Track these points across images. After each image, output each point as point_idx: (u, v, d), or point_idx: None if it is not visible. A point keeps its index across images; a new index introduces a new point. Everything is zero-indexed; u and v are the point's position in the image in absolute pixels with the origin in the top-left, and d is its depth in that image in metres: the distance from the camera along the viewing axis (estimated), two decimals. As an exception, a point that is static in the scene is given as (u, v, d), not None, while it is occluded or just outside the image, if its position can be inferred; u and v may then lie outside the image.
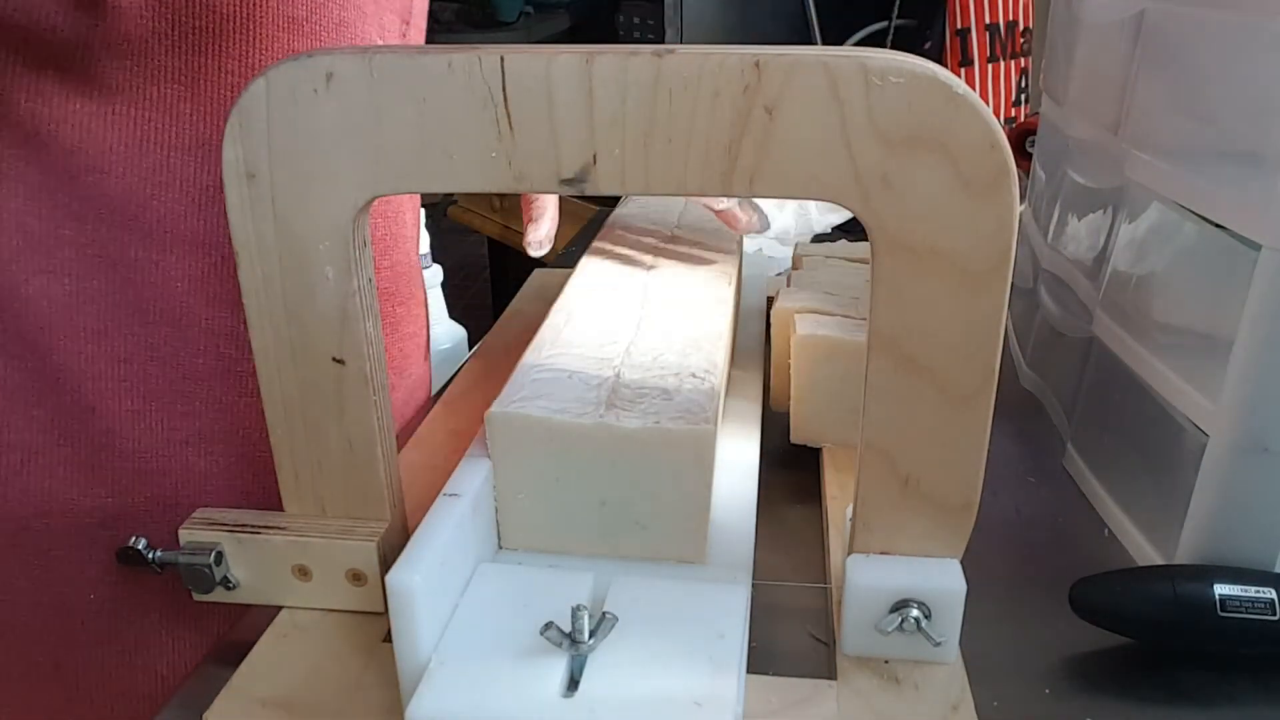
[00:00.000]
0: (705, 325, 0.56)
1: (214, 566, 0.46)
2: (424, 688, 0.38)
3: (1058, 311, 0.70)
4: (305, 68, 0.39)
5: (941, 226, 0.38)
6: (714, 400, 0.47)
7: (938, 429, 0.42)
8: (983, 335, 0.40)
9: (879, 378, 0.41)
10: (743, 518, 0.50)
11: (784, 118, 0.38)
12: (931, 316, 0.40)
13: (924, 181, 0.38)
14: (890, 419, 0.42)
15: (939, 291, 0.39)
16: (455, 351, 1.02)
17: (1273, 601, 0.44)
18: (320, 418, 0.46)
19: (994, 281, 0.39)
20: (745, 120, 0.38)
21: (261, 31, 0.51)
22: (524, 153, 0.40)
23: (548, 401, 0.46)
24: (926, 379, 0.41)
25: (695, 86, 0.38)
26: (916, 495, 0.43)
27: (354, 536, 0.46)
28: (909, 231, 0.39)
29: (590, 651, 0.39)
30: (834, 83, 0.37)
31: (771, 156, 0.38)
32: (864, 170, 0.38)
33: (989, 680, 0.44)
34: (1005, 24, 1.37)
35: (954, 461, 0.42)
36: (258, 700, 0.42)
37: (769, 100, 0.37)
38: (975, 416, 0.41)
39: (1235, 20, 0.49)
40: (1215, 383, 0.47)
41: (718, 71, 0.37)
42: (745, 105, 0.38)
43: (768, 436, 0.59)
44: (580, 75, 0.38)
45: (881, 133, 0.37)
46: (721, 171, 0.39)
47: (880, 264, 0.39)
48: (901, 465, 0.43)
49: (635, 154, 0.39)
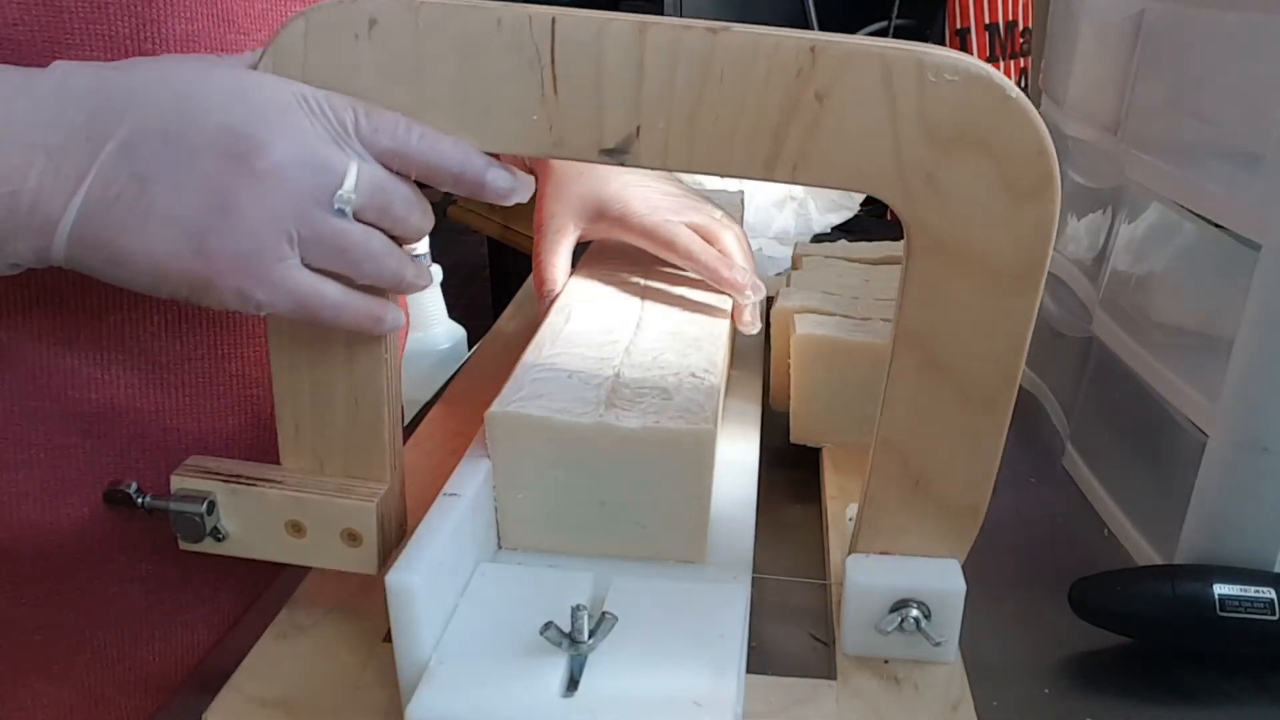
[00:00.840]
0: (705, 325, 0.56)
1: (205, 516, 0.45)
2: (424, 688, 0.38)
3: (1058, 311, 0.70)
4: (348, 11, 0.38)
5: (981, 229, 0.38)
6: (714, 399, 0.47)
7: (955, 431, 0.42)
8: (1010, 340, 0.40)
9: (901, 376, 0.41)
10: (742, 517, 0.50)
11: (834, 106, 0.37)
12: (961, 318, 0.40)
13: (968, 182, 0.37)
14: (908, 418, 0.42)
15: (971, 294, 0.39)
16: (455, 351, 1.02)
17: (1272, 601, 0.44)
18: (328, 371, 0.44)
19: (1027, 287, 0.39)
20: (795, 105, 0.37)
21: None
22: (566, 118, 0.39)
23: (548, 401, 0.46)
24: (949, 380, 0.41)
25: (748, 66, 0.37)
26: (926, 496, 0.43)
27: (353, 496, 0.45)
28: (947, 231, 0.38)
29: (590, 651, 0.39)
30: (888, 75, 0.36)
31: (818, 144, 0.38)
32: (909, 166, 0.37)
33: (989, 680, 0.44)
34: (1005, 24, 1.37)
35: (968, 464, 0.42)
36: (258, 700, 0.42)
37: (821, 87, 0.37)
38: (993, 420, 0.41)
39: (1235, 20, 0.49)
40: (1215, 383, 0.47)
41: (772, 53, 0.37)
42: (797, 90, 0.37)
43: (768, 436, 0.59)
44: (632, 44, 0.37)
45: (931, 130, 0.37)
46: (766, 155, 0.38)
47: (914, 262, 0.39)
48: (914, 465, 0.42)
49: (680, 129, 0.38)
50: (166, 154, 0.37)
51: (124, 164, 0.37)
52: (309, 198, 0.38)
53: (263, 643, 0.46)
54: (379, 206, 0.39)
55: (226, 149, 0.37)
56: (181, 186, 0.37)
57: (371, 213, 0.39)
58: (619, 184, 0.64)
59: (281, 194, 0.37)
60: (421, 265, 0.43)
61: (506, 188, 0.41)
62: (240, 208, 0.37)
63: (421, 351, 1.00)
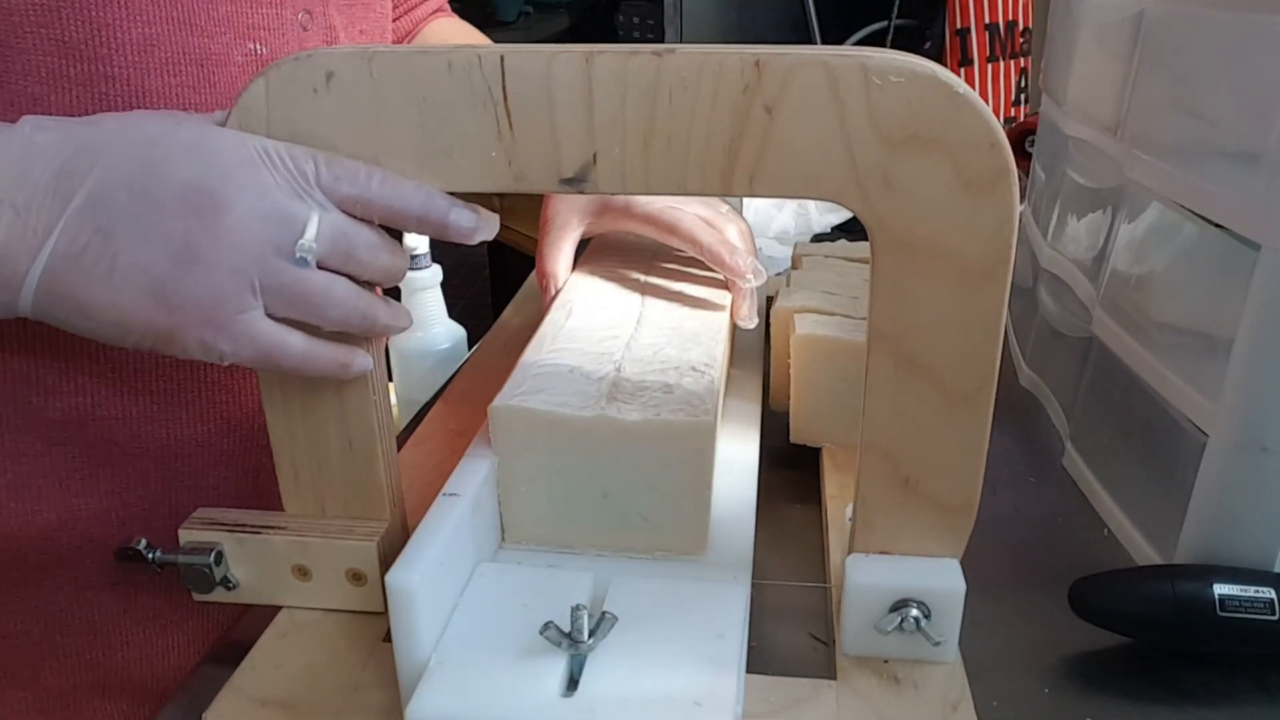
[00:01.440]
0: (704, 320, 0.56)
1: (214, 566, 0.46)
2: (424, 688, 0.38)
3: (1057, 311, 0.70)
4: (305, 67, 0.40)
5: (942, 225, 0.38)
6: (714, 393, 0.47)
7: (938, 429, 0.42)
8: (982, 334, 0.40)
9: (879, 377, 0.41)
10: (742, 517, 0.50)
11: (784, 117, 0.38)
12: (932, 315, 0.40)
13: (924, 181, 0.38)
14: (890, 419, 0.42)
15: (939, 291, 0.39)
16: (455, 351, 1.02)
17: (1272, 601, 0.44)
18: (321, 418, 0.45)
19: (994, 281, 0.39)
20: (745, 120, 0.38)
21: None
22: (524, 152, 0.40)
23: (550, 395, 0.46)
24: (927, 378, 0.41)
25: (695, 86, 0.38)
26: (917, 495, 0.43)
27: (353, 536, 0.46)
28: (909, 230, 0.39)
29: (590, 651, 0.39)
30: (834, 82, 0.37)
31: (771, 156, 0.38)
32: (864, 170, 0.38)
33: (989, 680, 0.44)
34: (1005, 24, 1.37)
35: (954, 461, 0.42)
36: (258, 700, 0.42)
37: (769, 100, 0.37)
38: (975, 416, 0.41)
39: (1235, 20, 0.49)
40: (1215, 383, 0.47)
41: (718, 71, 0.37)
42: (745, 105, 0.38)
43: (768, 436, 0.59)
44: (580, 74, 0.38)
45: (882, 132, 0.37)
46: (722, 171, 0.39)
47: (880, 263, 0.39)
48: (902, 465, 0.43)
49: (635, 154, 0.39)
50: (131, 208, 0.38)
51: (89, 218, 0.38)
52: (270, 249, 0.39)
53: (263, 643, 0.46)
54: (342, 253, 0.40)
55: (189, 203, 0.38)
56: (146, 240, 0.38)
57: (336, 260, 0.40)
58: None
59: (243, 246, 0.38)
60: (399, 308, 0.44)
61: (470, 227, 0.42)
62: (202, 260, 0.38)
63: (421, 351, 1.00)
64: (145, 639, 0.57)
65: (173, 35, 0.49)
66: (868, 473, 0.43)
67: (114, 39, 0.48)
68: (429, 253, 1.05)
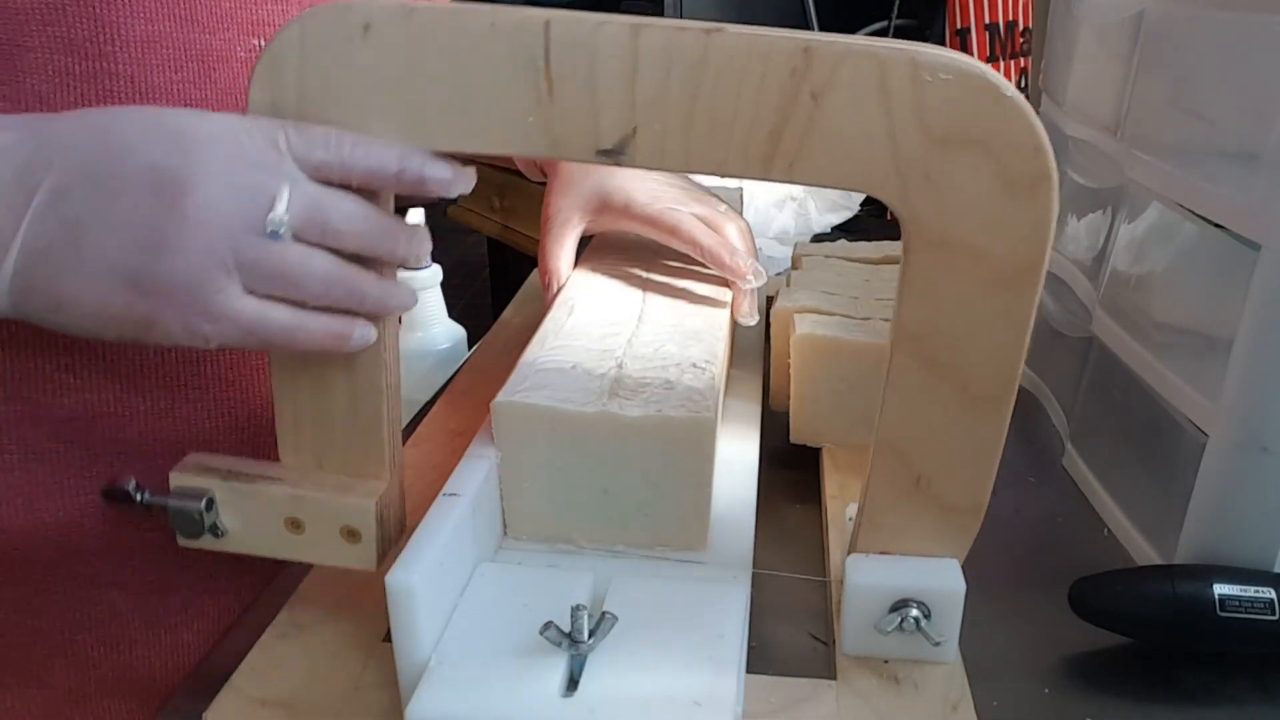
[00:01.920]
0: (705, 318, 0.56)
1: (204, 513, 0.45)
2: (424, 688, 0.38)
3: (1058, 311, 0.70)
4: (342, 15, 0.38)
5: (978, 226, 0.38)
6: (714, 389, 0.47)
7: (955, 430, 0.41)
8: (1009, 338, 0.40)
9: (900, 375, 0.41)
10: (742, 517, 0.50)
11: (830, 106, 0.37)
12: (960, 316, 0.40)
13: (964, 180, 0.37)
14: (908, 418, 0.42)
15: (970, 291, 0.39)
16: (455, 351, 1.02)
17: (1272, 601, 0.44)
18: (327, 370, 0.44)
19: (1026, 285, 0.39)
20: (791, 105, 0.37)
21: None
22: (563, 120, 0.39)
23: (552, 391, 0.46)
24: (950, 380, 0.41)
25: (743, 67, 0.37)
26: (927, 496, 0.43)
27: (352, 494, 0.45)
28: (945, 229, 0.38)
29: (590, 651, 0.39)
30: (883, 74, 0.36)
31: (814, 144, 0.38)
32: (905, 164, 0.37)
33: (989, 680, 0.44)
34: (1005, 24, 1.37)
35: (968, 463, 0.42)
36: (258, 700, 0.42)
37: (816, 86, 0.37)
38: (994, 419, 0.41)
39: (1235, 20, 0.49)
40: (1215, 383, 0.47)
41: (766, 54, 0.37)
42: (792, 90, 0.37)
43: (768, 436, 0.59)
44: (626, 46, 0.37)
45: (927, 128, 0.37)
46: (763, 155, 0.38)
47: (912, 260, 0.39)
48: (915, 465, 0.42)
49: (676, 130, 0.38)
50: (94, 198, 0.37)
51: (54, 211, 0.37)
52: (240, 225, 0.38)
53: (263, 643, 0.46)
54: (319, 224, 0.39)
55: (152, 186, 0.37)
56: (111, 229, 0.37)
57: (313, 231, 0.39)
58: (623, 176, 0.64)
59: (212, 225, 0.37)
60: (392, 284, 0.42)
61: (445, 179, 0.40)
62: (171, 244, 0.37)
63: (421, 351, 1.00)
64: (154, 639, 0.57)
65: (175, 32, 0.49)
66: (879, 470, 0.43)
67: (118, 36, 0.48)
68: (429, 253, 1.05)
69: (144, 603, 0.56)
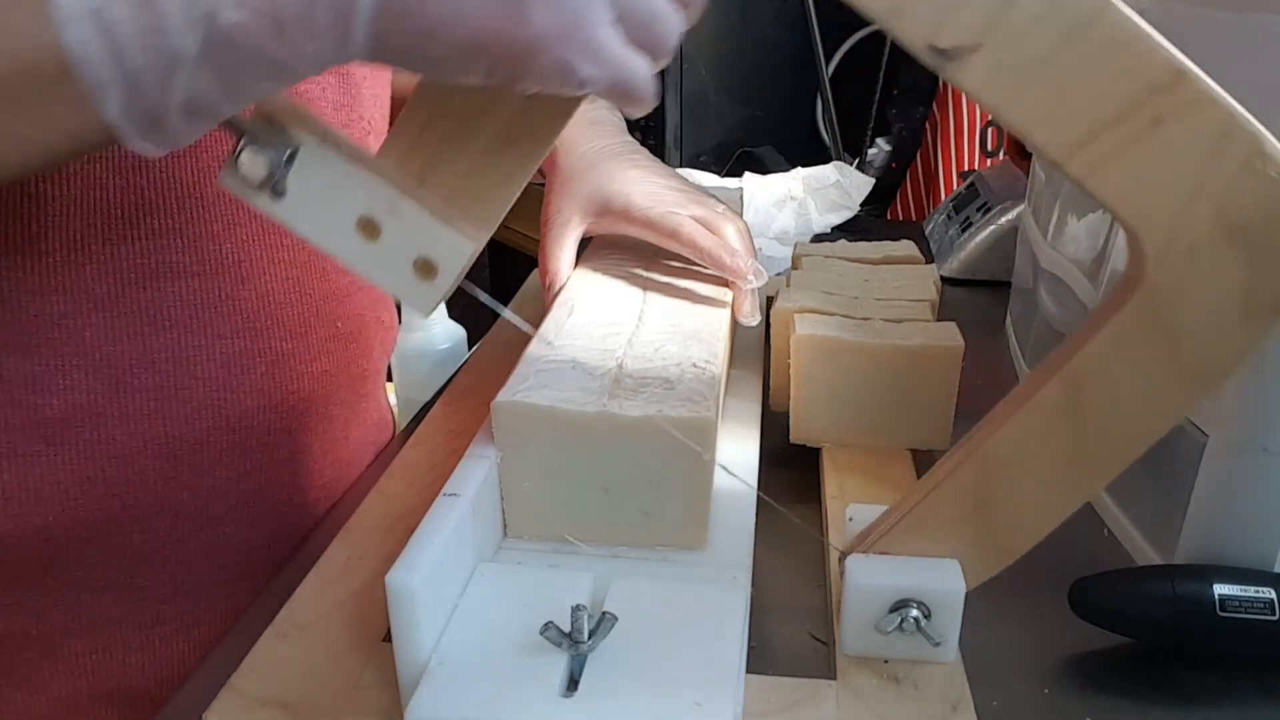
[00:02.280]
0: (705, 318, 0.56)
1: (282, 164, 0.38)
2: (424, 688, 0.38)
3: (1058, 311, 0.70)
4: None
5: (1202, 323, 0.37)
6: (714, 389, 0.47)
7: (1053, 477, 0.41)
8: (1159, 426, 0.40)
9: (1039, 407, 0.40)
10: (742, 517, 0.50)
11: (1162, 135, 0.36)
12: (1131, 389, 0.39)
13: (1222, 275, 0.36)
14: (1017, 446, 0.41)
15: (1156, 375, 0.38)
16: (455, 351, 1.02)
17: (1272, 601, 0.44)
18: (500, 98, 0.40)
19: (1208, 390, 0.38)
20: (1130, 114, 0.36)
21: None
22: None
23: (552, 391, 0.46)
24: (1079, 435, 0.40)
25: (1115, 54, 0.35)
26: (984, 519, 0.43)
27: (453, 226, 0.39)
28: (1172, 309, 0.37)
29: (590, 651, 0.39)
30: (1224, 137, 0.35)
31: (1125, 160, 0.36)
32: (1182, 229, 0.36)
33: (989, 680, 0.44)
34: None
35: (1042, 511, 0.42)
36: (258, 700, 0.42)
37: (1162, 111, 0.35)
38: (1093, 485, 0.41)
39: (1235, 20, 0.49)
40: (1215, 383, 0.47)
41: (1142, 56, 0.35)
42: (1141, 101, 0.36)
43: (768, 436, 0.59)
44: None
45: (1221, 207, 0.36)
46: (1074, 140, 0.36)
47: (1122, 316, 0.38)
48: (991, 488, 0.42)
49: (1017, 71, 0.36)
50: None
51: None
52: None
53: (263, 643, 0.46)
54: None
55: None
56: None
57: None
58: (622, 179, 0.64)
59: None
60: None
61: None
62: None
63: (421, 351, 1.00)
64: (147, 646, 0.56)
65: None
66: (955, 477, 0.43)
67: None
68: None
69: (135, 608, 0.55)
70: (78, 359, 0.51)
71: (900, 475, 0.58)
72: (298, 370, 0.58)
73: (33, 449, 0.51)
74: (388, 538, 0.53)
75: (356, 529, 0.54)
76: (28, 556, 0.52)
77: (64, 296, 0.49)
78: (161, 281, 0.52)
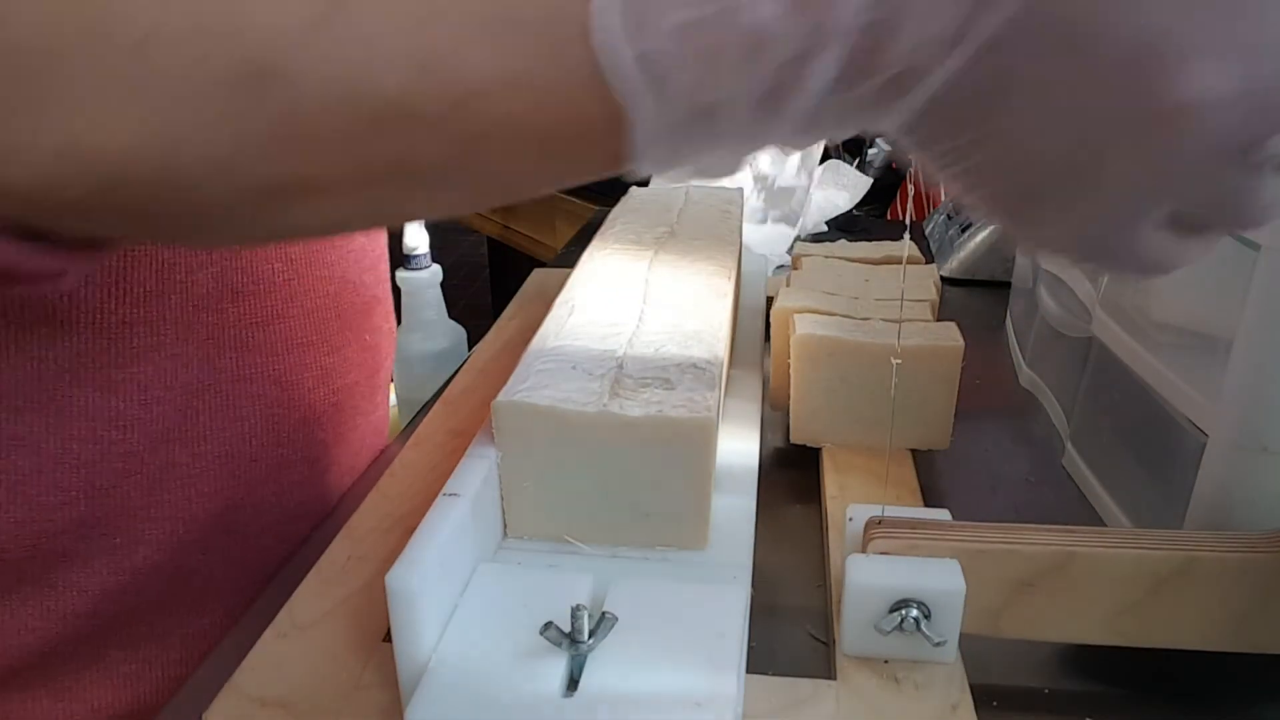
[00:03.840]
0: (706, 318, 0.56)
1: None
2: (424, 688, 0.38)
3: (1057, 311, 0.70)
4: None
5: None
6: (715, 390, 0.47)
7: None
8: None
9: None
10: (742, 517, 0.50)
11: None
12: None
13: None
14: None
15: None
16: (455, 351, 1.02)
17: (1272, 601, 0.44)
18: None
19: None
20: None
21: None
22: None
23: (552, 391, 0.46)
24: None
25: None
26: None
27: None
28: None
29: (590, 651, 0.39)
30: None
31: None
32: None
33: (989, 680, 0.44)
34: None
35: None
36: (258, 700, 0.42)
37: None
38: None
39: None
40: (1215, 383, 0.47)
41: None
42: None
43: (768, 436, 0.59)
44: None
45: None
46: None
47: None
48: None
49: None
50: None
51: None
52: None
53: (263, 643, 0.46)
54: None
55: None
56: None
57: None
58: None
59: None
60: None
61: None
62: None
63: (421, 351, 1.00)
64: (188, 658, 0.55)
65: None
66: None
67: None
68: (429, 253, 1.05)
69: (180, 623, 0.55)
70: (157, 389, 0.50)
71: (900, 475, 0.58)
72: (335, 384, 0.60)
73: (108, 483, 0.51)
74: (388, 538, 0.53)
75: (356, 529, 0.54)
76: (9, 556, 0.51)
77: (146, 329, 0.49)
78: (225, 304, 0.52)
